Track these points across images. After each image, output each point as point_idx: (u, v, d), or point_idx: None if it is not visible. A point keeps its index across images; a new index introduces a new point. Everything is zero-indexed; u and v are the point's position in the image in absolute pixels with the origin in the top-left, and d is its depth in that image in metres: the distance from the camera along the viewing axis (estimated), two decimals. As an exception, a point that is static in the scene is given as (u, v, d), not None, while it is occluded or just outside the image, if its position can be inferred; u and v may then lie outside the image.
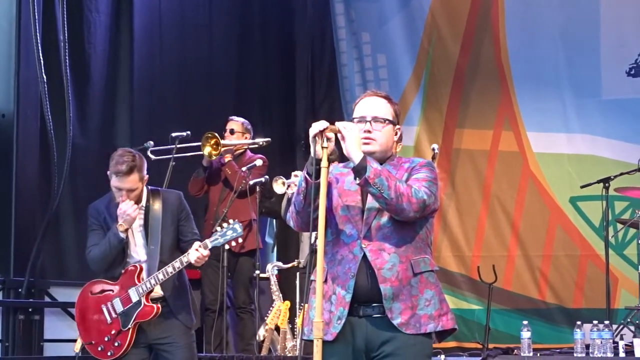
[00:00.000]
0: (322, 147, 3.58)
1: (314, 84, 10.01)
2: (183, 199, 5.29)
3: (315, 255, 3.56)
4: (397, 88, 9.26)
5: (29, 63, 7.11)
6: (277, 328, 7.08)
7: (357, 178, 3.60)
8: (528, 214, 8.73)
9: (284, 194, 6.98)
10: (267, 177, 7.22)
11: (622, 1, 8.59)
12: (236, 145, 7.44)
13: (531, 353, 6.58)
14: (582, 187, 7.65)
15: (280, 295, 7.20)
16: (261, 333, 7.13)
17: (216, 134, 7.16)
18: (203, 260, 5.01)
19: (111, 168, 5.02)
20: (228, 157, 7.32)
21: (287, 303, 7.14)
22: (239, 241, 5.10)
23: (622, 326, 6.85)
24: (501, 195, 8.86)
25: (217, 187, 7.42)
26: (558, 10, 8.78)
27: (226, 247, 6.39)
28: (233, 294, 7.46)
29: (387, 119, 3.77)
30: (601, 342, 6.25)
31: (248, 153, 7.54)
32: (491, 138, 8.96)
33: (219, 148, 7.15)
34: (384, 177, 3.57)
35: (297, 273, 7.55)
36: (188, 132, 7.18)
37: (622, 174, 7.28)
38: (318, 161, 3.58)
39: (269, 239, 9.06)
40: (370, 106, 3.78)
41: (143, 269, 5.06)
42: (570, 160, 8.63)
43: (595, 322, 6.35)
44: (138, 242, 5.12)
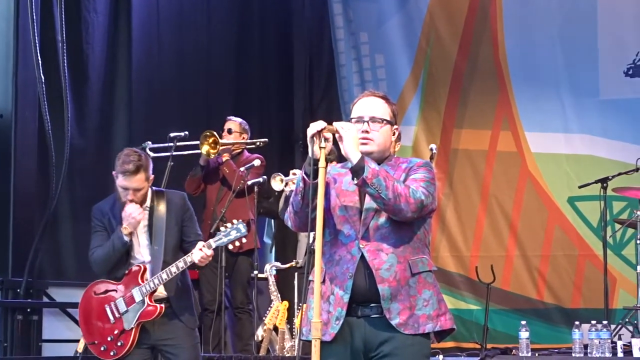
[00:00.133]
0: (320, 148, 3.57)
1: (312, 84, 10.01)
2: (187, 200, 5.30)
3: (313, 255, 3.55)
4: (395, 88, 9.25)
5: (27, 64, 7.11)
6: (276, 328, 7.07)
7: (355, 178, 3.59)
8: (526, 214, 8.73)
9: (282, 193, 6.97)
10: (265, 177, 7.22)
11: (620, 1, 8.59)
12: (234, 144, 7.43)
13: (529, 353, 6.58)
14: (580, 187, 7.65)
15: (278, 295, 7.20)
16: (259, 333, 7.13)
17: (215, 133, 7.16)
18: (207, 260, 5.01)
19: (118, 167, 5.02)
20: (226, 157, 7.32)
21: (286, 303, 7.14)
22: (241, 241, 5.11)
23: (621, 326, 6.85)
24: (499, 195, 8.86)
25: (215, 187, 7.42)
26: (556, 10, 8.77)
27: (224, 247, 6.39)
28: (231, 294, 7.46)
29: (385, 119, 3.76)
30: (599, 342, 6.25)
31: (245, 153, 7.54)
32: (489, 138, 8.95)
33: (217, 147, 7.14)
34: (382, 178, 3.57)
35: (296, 273, 7.54)
36: (186, 132, 7.17)
37: (620, 174, 7.29)
38: (316, 161, 3.58)
39: (267, 239, 9.06)
40: (368, 106, 3.78)
41: (147, 270, 5.06)
42: (568, 160, 8.63)
43: (593, 322, 6.35)
44: (142, 243, 5.13)
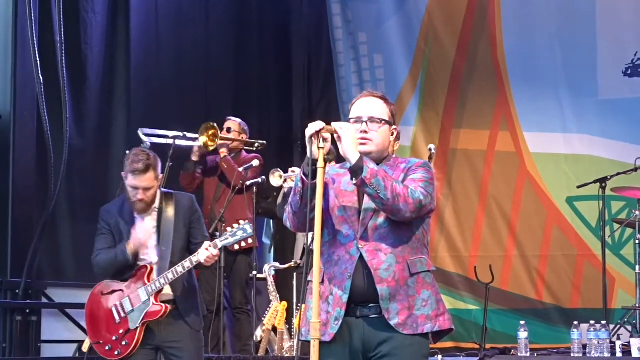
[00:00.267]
0: (319, 148, 3.57)
1: (311, 85, 10.01)
2: (195, 202, 5.31)
3: (312, 256, 3.55)
4: (394, 88, 9.25)
5: (26, 64, 7.10)
6: (275, 329, 7.08)
7: (354, 178, 3.59)
8: (525, 214, 8.72)
9: (281, 191, 6.99)
10: (264, 178, 7.22)
11: (619, 1, 8.59)
12: (233, 141, 7.44)
13: (528, 353, 6.58)
14: (579, 187, 7.64)
15: (277, 295, 7.20)
16: (258, 334, 7.13)
17: (216, 126, 7.17)
18: (213, 259, 5.01)
19: (127, 167, 5.03)
20: (223, 152, 7.33)
21: (284, 304, 7.14)
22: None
23: (619, 326, 6.86)
24: (498, 195, 8.86)
25: (213, 184, 7.43)
26: (555, 10, 8.77)
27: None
28: (230, 295, 7.46)
29: (384, 119, 3.76)
30: (598, 342, 6.25)
31: (243, 153, 7.55)
32: (488, 138, 8.95)
33: (216, 140, 7.16)
34: (381, 178, 3.57)
35: (294, 274, 7.55)
36: (185, 133, 7.19)
37: (619, 174, 7.29)
38: (314, 162, 3.58)
39: (266, 240, 9.06)
40: (366, 106, 3.78)
41: (154, 270, 5.06)
42: (567, 160, 8.63)
43: (592, 322, 6.35)
44: (150, 244, 5.13)
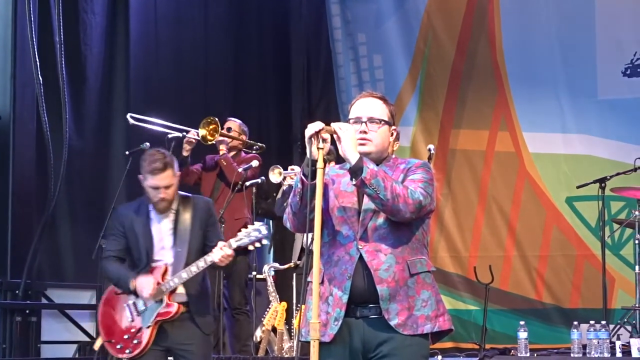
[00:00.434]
0: (318, 148, 3.57)
1: (310, 85, 10.02)
2: (212, 206, 5.33)
3: (311, 256, 3.55)
4: (393, 89, 9.25)
5: (25, 65, 7.11)
6: (274, 329, 7.08)
7: (353, 179, 3.59)
8: (524, 214, 8.73)
9: (280, 191, 6.98)
10: (264, 178, 7.23)
11: (618, 1, 8.59)
12: (233, 139, 7.45)
13: (528, 353, 6.58)
14: (578, 187, 7.64)
15: (277, 296, 7.20)
16: (258, 334, 7.13)
17: (217, 120, 7.18)
18: (227, 259, 5.01)
19: (145, 168, 5.04)
20: (222, 150, 7.34)
21: (284, 304, 7.14)
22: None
23: (619, 326, 6.86)
24: (497, 195, 8.86)
25: (210, 184, 7.43)
26: (554, 10, 8.78)
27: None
28: (229, 295, 7.46)
29: (383, 120, 3.76)
30: (598, 342, 6.25)
31: (242, 153, 7.55)
32: (487, 138, 8.95)
33: (215, 135, 7.17)
34: (380, 178, 3.56)
35: (294, 274, 7.54)
36: (184, 134, 7.19)
37: (619, 174, 7.29)
38: (314, 162, 3.58)
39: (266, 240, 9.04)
40: (365, 107, 3.78)
41: (168, 270, 5.07)
42: (566, 160, 8.63)
43: (592, 322, 6.35)
44: (167, 245, 5.13)
